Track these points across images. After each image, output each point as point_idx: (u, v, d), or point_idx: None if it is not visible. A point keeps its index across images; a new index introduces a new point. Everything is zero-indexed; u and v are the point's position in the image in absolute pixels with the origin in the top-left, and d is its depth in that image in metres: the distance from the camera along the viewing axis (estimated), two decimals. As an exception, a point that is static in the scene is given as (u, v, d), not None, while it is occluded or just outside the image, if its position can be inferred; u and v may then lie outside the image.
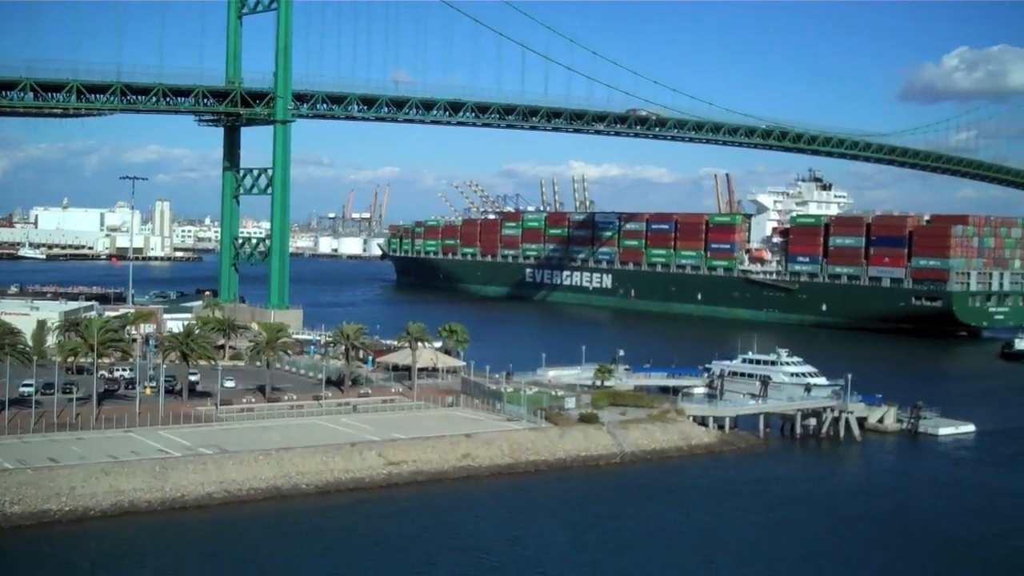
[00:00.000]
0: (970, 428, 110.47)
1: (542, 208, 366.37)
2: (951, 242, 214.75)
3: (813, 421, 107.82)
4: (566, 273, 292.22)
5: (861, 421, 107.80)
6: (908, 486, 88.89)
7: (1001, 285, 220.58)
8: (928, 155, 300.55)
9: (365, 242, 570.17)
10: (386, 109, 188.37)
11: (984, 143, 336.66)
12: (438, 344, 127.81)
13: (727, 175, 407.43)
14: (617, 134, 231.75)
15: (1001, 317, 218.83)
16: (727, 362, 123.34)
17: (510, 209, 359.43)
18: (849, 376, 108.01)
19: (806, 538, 72.36)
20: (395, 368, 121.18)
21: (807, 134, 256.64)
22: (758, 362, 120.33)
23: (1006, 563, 68.07)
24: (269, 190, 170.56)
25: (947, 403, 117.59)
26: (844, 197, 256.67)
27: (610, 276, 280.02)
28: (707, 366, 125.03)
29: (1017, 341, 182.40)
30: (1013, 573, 66.07)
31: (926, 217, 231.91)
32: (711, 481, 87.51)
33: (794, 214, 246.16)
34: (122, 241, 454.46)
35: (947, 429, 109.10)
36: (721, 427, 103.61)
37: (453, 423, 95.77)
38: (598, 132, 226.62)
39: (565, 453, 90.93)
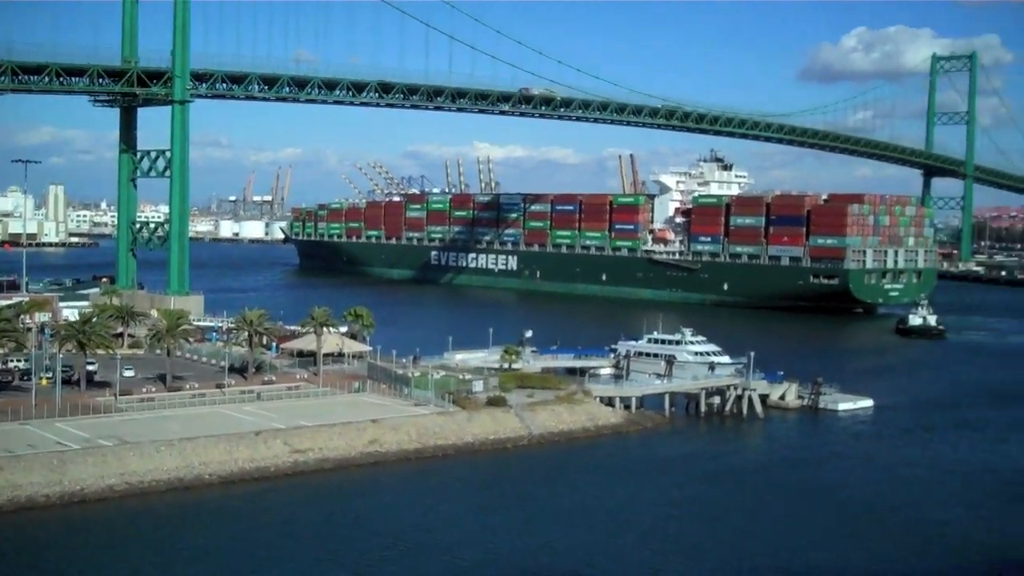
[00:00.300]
0: (868, 403, 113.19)
1: (447, 190, 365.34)
2: (847, 220, 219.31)
3: (717, 399, 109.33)
4: (471, 255, 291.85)
5: (764, 398, 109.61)
6: (810, 460, 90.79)
7: (896, 262, 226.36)
8: (826, 135, 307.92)
9: (267, 225, 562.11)
10: (287, 89, 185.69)
11: (880, 123, 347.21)
12: (343, 329, 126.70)
13: (631, 156, 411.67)
14: (522, 115, 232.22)
15: (896, 294, 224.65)
16: (633, 343, 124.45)
17: (415, 191, 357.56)
18: (752, 354, 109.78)
19: (713, 513, 73.40)
20: (300, 354, 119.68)
21: (709, 114, 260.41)
22: (663, 342, 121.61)
23: (904, 532, 69.83)
24: (167, 173, 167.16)
25: (846, 379, 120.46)
26: (744, 177, 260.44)
27: (515, 258, 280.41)
28: (613, 347, 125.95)
29: (911, 317, 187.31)
30: (910, 542, 67.75)
31: (823, 196, 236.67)
32: (619, 461, 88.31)
33: (696, 194, 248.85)
34: (15, 227, 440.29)
35: (846, 404, 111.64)
36: (627, 407, 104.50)
37: (360, 409, 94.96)
38: (503, 113, 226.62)
39: (473, 437, 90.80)
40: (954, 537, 69.19)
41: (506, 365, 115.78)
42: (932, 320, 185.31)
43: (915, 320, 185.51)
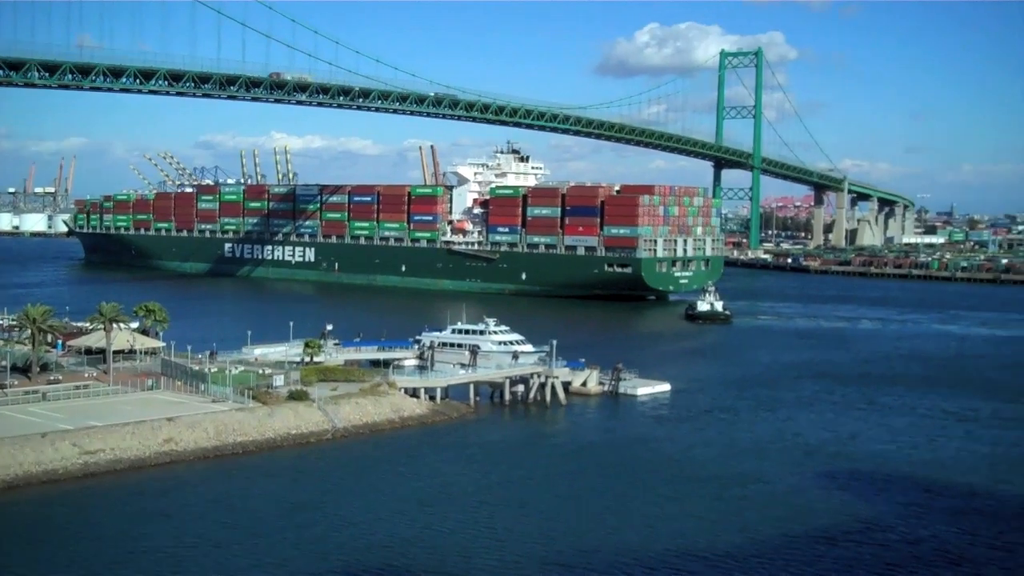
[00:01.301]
0: (666, 387, 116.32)
1: (243, 181, 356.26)
2: (639, 211, 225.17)
3: (521, 387, 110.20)
4: (268, 248, 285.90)
5: (566, 385, 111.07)
6: (614, 444, 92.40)
7: (685, 251, 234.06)
8: (622, 127, 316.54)
9: (50, 218, 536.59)
10: (70, 76, 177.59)
11: (673, 116, 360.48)
12: (135, 325, 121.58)
13: (432, 147, 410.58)
14: (320, 104, 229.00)
15: (685, 281, 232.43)
16: (436, 333, 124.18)
17: (208, 182, 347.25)
18: (554, 342, 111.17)
19: (522, 497, 73.75)
20: (88, 352, 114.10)
21: (508, 106, 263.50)
22: (467, 332, 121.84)
23: (705, 508, 71.86)
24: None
25: (643, 364, 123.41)
26: (541, 168, 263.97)
27: (313, 250, 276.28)
28: (417, 338, 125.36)
29: (699, 303, 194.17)
30: (711, 518, 69.75)
31: (616, 187, 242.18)
32: (426, 451, 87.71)
33: (493, 186, 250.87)
34: None
35: (645, 389, 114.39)
36: (432, 398, 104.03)
37: (154, 407, 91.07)
38: (300, 103, 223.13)
39: (275, 432, 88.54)
40: (752, 510, 71.60)
41: (308, 359, 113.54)
42: (719, 306, 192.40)
43: (703, 306, 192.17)
